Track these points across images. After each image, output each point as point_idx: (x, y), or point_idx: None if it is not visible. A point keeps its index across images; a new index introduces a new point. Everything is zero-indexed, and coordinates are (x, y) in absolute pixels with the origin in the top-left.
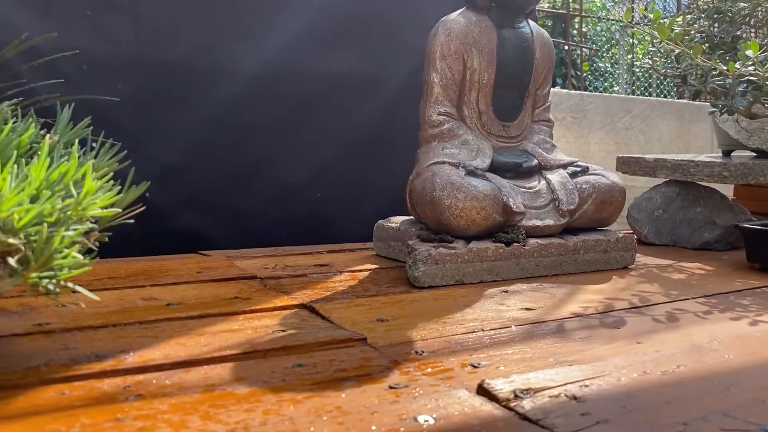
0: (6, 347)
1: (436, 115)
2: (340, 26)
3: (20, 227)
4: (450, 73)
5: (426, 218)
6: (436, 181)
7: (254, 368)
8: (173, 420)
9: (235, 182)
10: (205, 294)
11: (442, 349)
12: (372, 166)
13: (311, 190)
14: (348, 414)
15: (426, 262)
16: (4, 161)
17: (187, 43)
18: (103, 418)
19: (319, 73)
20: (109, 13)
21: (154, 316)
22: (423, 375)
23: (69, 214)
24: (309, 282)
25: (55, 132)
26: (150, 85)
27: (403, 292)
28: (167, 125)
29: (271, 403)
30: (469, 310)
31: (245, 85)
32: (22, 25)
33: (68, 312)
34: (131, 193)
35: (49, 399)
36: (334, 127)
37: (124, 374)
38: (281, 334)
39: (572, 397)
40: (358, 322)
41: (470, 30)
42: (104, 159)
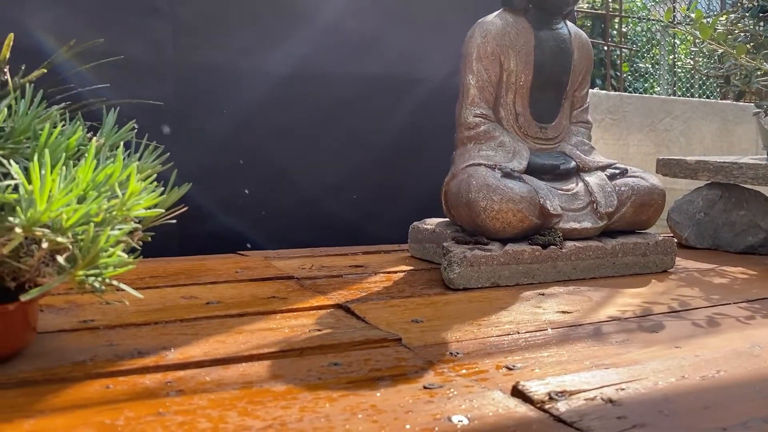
0: (54, 343)
1: (472, 117)
2: (374, 28)
3: (68, 226)
4: (486, 75)
5: (461, 220)
6: (472, 182)
7: (291, 366)
8: (212, 415)
9: (273, 184)
10: (244, 293)
11: (476, 351)
12: (407, 168)
13: (347, 192)
14: (383, 413)
15: (461, 264)
16: (54, 163)
17: (224, 47)
18: (146, 411)
19: (354, 76)
20: (150, 18)
21: (195, 315)
22: (457, 376)
23: (114, 214)
24: (344, 282)
25: (101, 135)
26: (189, 88)
27: (438, 294)
28: (206, 128)
29: (307, 401)
30: (505, 313)
31: (281, 88)
32: (70, 32)
33: (112, 309)
34: (173, 194)
35: (94, 393)
36: (370, 129)
37: (166, 370)
38: (317, 334)
39: (608, 400)
40: (393, 323)
41: (507, 31)
42: (148, 161)
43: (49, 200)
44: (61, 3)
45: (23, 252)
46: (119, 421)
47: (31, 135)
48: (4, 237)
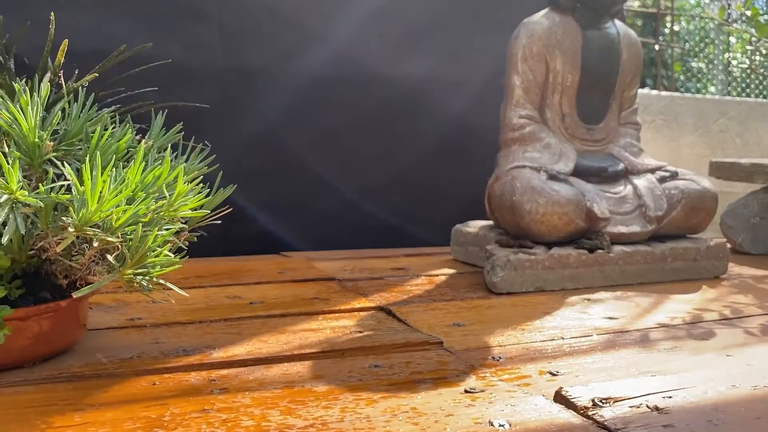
0: (103, 339)
1: (517, 118)
2: (419, 30)
3: (118, 226)
4: (532, 76)
5: (505, 223)
6: (516, 185)
7: (332, 367)
8: (255, 413)
9: (315, 186)
10: (286, 294)
11: (519, 356)
12: (450, 170)
13: (389, 194)
14: (423, 415)
15: (505, 267)
16: (104, 165)
17: (268, 50)
18: (191, 408)
19: (398, 78)
20: (197, 22)
21: (238, 314)
22: (499, 381)
23: (162, 214)
24: (386, 285)
25: (149, 137)
26: (234, 91)
27: (481, 298)
28: (250, 130)
29: (348, 402)
30: (549, 318)
31: (324, 91)
32: (120, 37)
33: (158, 308)
34: (218, 195)
35: (141, 389)
36: (413, 132)
37: (210, 368)
38: (359, 335)
39: (654, 408)
40: (435, 326)
41: (553, 31)
42: (194, 163)
43: (100, 201)
44: (112, 8)
45: (75, 251)
46: (165, 417)
47: (83, 137)
48: (58, 236)
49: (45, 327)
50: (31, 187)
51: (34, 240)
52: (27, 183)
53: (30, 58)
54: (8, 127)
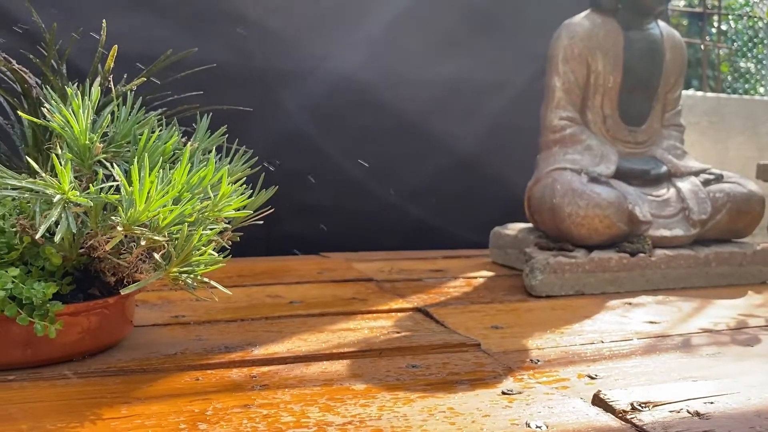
0: (148, 336)
1: (558, 119)
2: (457, 32)
3: (164, 226)
4: (573, 77)
5: (545, 226)
6: (557, 187)
7: (370, 366)
8: (295, 410)
9: (353, 188)
10: (325, 294)
11: (558, 359)
12: (489, 172)
13: (427, 196)
14: (460, 415)
15: (544, 270)
16: (152, 166)
17: (309, 54)
18: (233, 403)
19: (436, 80)
20: (240, 27)
21: (279, 313)
22: (537, 383)
23: (206, 214)
24: (424, 286)
25: (194, 139)
26: (274, 94)
27: (520, 301)
28: (291, 132)
29: (386, 400)
30: (589, 322)
31: (364, 93)
32: (167, 41)
33: (201, 306)
34: (261, 196)
35: (185, 384)
36: (451, 133)
37: (251, 365)
38: (396, 336)
39: (695, 413)
40: (472, 328)
41: (595, 32)
42: (237, 165)
43: (148, 201)
44: (159, 15)
45: (123, 249)
46: (208, 411)
47: (131, 139)
48: (107, 235)
49: (94, 323)
50: (82, 187)
51: (84, 238)
52: (78, 183)
53: (81, 63)
54: (61, 130)
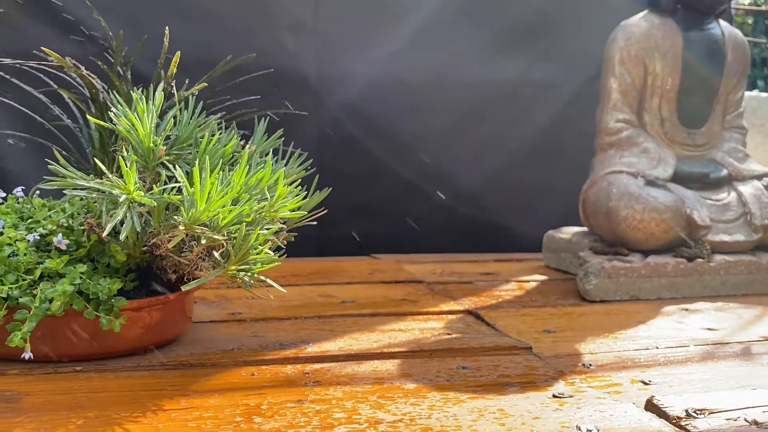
0: (206, 332)
1: (614, 122)
2: (512, 34)
3: (223, 225)
4: (629, 79)
5: (600, 230)
6: (612, 190)
7: (420, 366)
8: (346, 406)
9: (406, 190)
10: (376, 294)
11: (611, 364)
12: (543, 175)
13: (480, 199)
14: (510, 416)
15: (598, 275)
16: (212, 168)
17: (362, 58)
18: (286, 398)
19: (490, 81)
20: (295, 32)
21: (331, 312)
22: (589, 387)
23: (263, 215)
24: (475, 289)
25: (252, 142)
26: (329, 97)
27: (573, 305)
28: (345, 135)
29: (436, 400)
30: (644, 327)
31: (417, 96)
32: (225, 48)
33: (257, 304)
34: (315, 197)
35: (241, 378)
36: (505, 136)
37: (305, 362)
38: (447, 337)
39: (753, 422)
40: (524, 332)
41: (652, 33)
42: (293, 167)
43: (208, 201)
44: (218, 22)
45: (184, 248)
46: (263, 406)
47: (192, 142)
48: (169, 234)
49: (155, 318)
50: (146, 188)
51: (147, 237)
52: (142, 184)
53: (145, 69)
54: (126, 133)
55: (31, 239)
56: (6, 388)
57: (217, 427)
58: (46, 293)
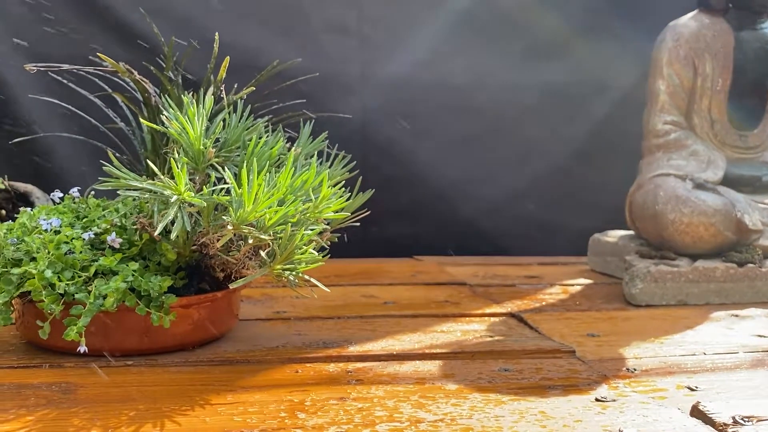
0: (252, 329)
1: (662, 124)
2: (556, 35)
3: (270, 226)
4: (678, 80)
5: (647, 233)
6: (660, 194)
7: (462, 368)
8: (388, 405)
9: (450, 192)
10: (418, 296)
11: (656, 369)
12: (589, 177)
13: (524, 202)
14: (551, 419)
15: (644, 279)
16: (259, 170)
17: (405, 60)
18: (329, 396)
19: (536, 83)
20: (339, 36)
21: (373, 312)
22: (633, 392)
23: (307, 215)
24: (518, 292)
25: (297, 145)
26: (373, 101)
27: (618, 309)
28: (389, 137)
29: (477, 401)
30: (691, 333)
31: (461, 98)
32: (273, 52)
33: (301, 303)
34: (358, 199)
35: (285, 375)
36: (551, 138)
37: (347, 361)
38: (488, 339)
39: None
40: (567, 335)
41: (702, 34)
42: (337, 169)
43: (255, 202)
44: (266, 26)
45: (232, 247)
46: (306, 402)
47: (240, 145)
48: (217, 233)
49: (203, 315)
50: (196, 189)
51: (197, 236)
52: (192, 185)
53: (195, 72)
54: (177, 136)
55: (86, 237)
56: (63, 380)
57: (262, 422)
58: (100, 290)
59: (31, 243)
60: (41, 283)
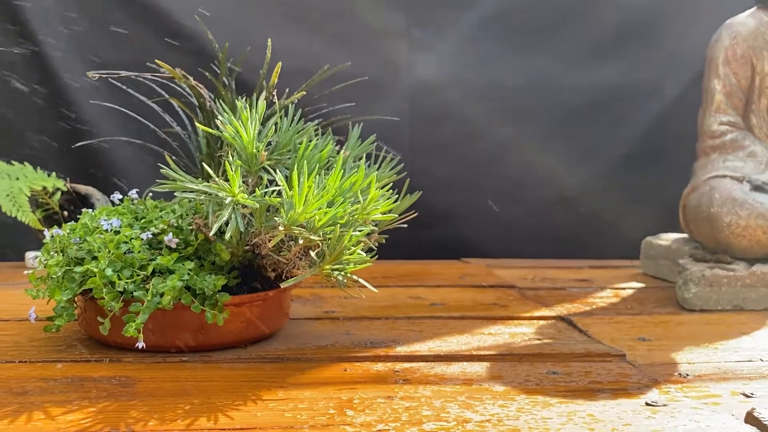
0: (302, 328)
1: (717, 125)
2: (614, 36)
3: (319, 227)
4: (735, 80)
5: (701, 236)
6: (715, 196)
7: (509, 370)
8: (435, 405)
9: (499, 194)
10: (465, 298)
11: (709, 375)
12: (642, 180)
13: (576, 204)
14: (599, 422)
15: (699, 283)
16: (309, 172)
17: (454, 63)
18: (377, 394)
19: (588, 84)
20: (388, 40)
21: (420, 314)
22: (685, 397)
23: (356, 217)
24: (568, 295)
25: (346, 148)
26: (421, 103)
27: (670, 314)
28: (438, 139)
29: (524, 403)
30: (747, 338)
31: (513, 100)
32: (322, 56)
33: (349, 303)
34: (406, 201)
35: (334, 373)
36: (602, 139)
37: (395, 360)
38: (537, 342)
39: None
40: (618, 339)
41: (761, 32)
42: (385, 171)
43: (305, 204)
44: (319, 32)
45: (283, 247)
46: (354, 400)
47: (291, 148)
48: (269, 234)
49: (255, 313)
50: (249, 191)
51: (249, 237)
52: (245, 187)
53: (248, 77)
54: (231, 139)
55: (144, 238)
56: (122, 374)
57: (312, 418)
58: (157, 288)
59: (92, 242)
60: (102, 281)
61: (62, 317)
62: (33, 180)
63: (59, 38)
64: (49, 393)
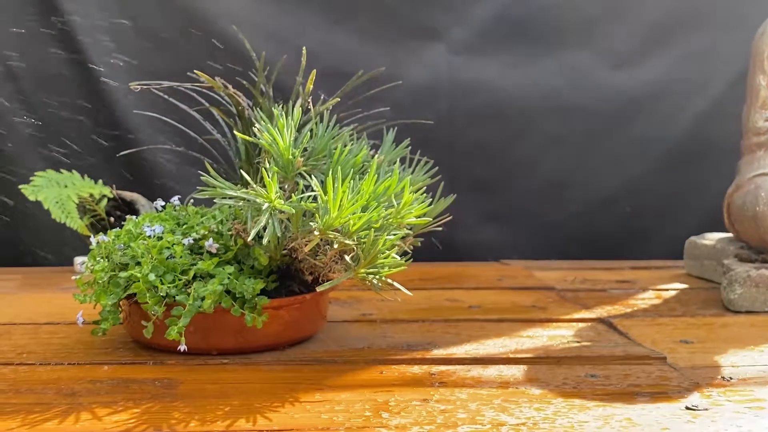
0: (339, 331)
1: (763, 121)
2: (656, 32)
3: (354, 231)
4: None
5: (746, 236)
6: (760, 194)
7: (546, 373)
8: (470, 408)
9: (541, 194)
10: (504, 300)
11: (754, 378)
12: (687, 178)
13: (619, 204)
14: (637, 426)
15: (744, 284)
16: (344, 177)
17: (494, 64)
18: (412, 397)
19: (630, 82)
20: (428, 41)
21: (457, 316)
22: (727, 401)
23: (390, 221)
24: (608, 297)
25: (381, 152)
26: (460, 105)
27: (714, 315)
28: (477, 141)
29: (561, 406)
30: None
31: (554, 99)
32: (358, 57)
33: (386, 305)
34: (440, 204)
35: (370, 375)
36: (645, 138)
37: (431, 363)
38: (575, 345)
39: None
40: (659, 342)
41: None
42: (420, 174)
43: (340, 209)
44: (355, 35)
45: (319, 251)
46: (390, 402)
47: (326, 153)
48: (305, 238)
49: (293, 316)
50: (286, 196)
51: (287, 241)
52: (282, 193)
53: (285, 81)
54: (268, 146)
55: (186, 243)
56: (165, 376)
57: (348, 420)
58: (198, 292)
59: (136, 248)
60: (145, 285)
61: (108, 321)
62: (81, 187)
63: (102, 48)
64: (95, 394)
